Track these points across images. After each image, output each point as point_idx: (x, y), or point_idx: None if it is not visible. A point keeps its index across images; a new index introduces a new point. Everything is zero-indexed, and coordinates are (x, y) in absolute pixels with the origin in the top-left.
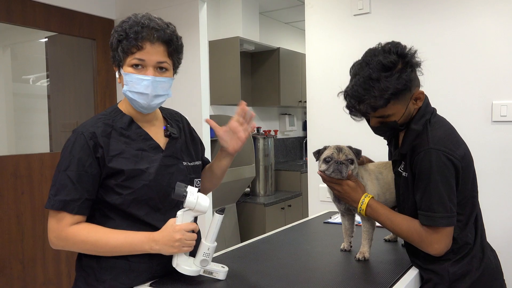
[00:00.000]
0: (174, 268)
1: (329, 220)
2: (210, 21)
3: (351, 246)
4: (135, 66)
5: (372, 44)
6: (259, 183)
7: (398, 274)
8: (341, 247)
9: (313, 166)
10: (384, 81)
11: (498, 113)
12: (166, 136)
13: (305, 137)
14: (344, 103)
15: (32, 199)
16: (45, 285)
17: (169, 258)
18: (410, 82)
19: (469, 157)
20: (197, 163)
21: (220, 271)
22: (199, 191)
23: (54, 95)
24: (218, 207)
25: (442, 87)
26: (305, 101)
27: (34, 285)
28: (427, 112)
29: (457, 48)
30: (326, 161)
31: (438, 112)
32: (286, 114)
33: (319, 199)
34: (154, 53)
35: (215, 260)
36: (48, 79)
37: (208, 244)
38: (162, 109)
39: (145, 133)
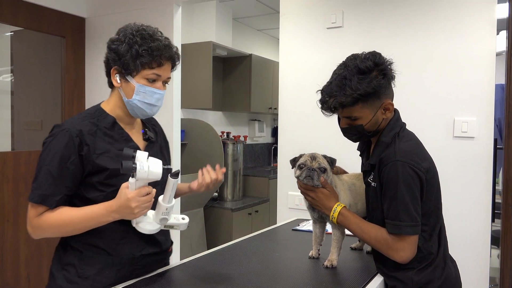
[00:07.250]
0: (159, 261)
1: (298, 228)
2: (184, 25)
3: (319, 254)
4: (149, 79)
5: (344, 57)
6: (227, 188)
7: (364, 281)
8: (310, 254)
9: (283, 173)
10: (356, 83)
11: (459, 129)
12: (144, 139)
13: (274, 143)
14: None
15: None
16: None
17: (153, 250)
18: (380, 89)
19: (433, 170)
20: (170, 166)
21: (180, 224)
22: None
23: (18, 92)
24: (173, 172)
25: (407, 102)
26: (275, 108)
27: None
28: (396, 126)
29: (423, 65)
30: (300, 167)
31: None
32: (255, 120)
33: (288, 206)
34: (167, 70)
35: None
36: (12, 74)
37: (165, 205)
38: None
39: (127, 135)
